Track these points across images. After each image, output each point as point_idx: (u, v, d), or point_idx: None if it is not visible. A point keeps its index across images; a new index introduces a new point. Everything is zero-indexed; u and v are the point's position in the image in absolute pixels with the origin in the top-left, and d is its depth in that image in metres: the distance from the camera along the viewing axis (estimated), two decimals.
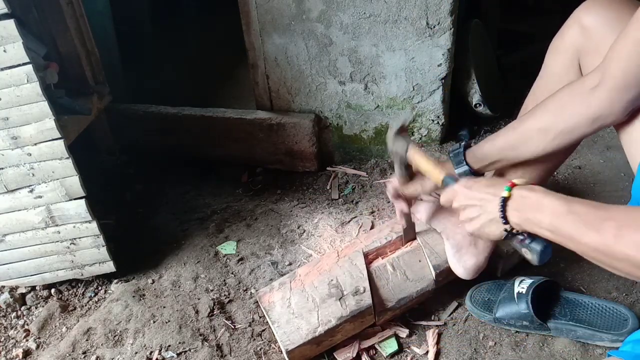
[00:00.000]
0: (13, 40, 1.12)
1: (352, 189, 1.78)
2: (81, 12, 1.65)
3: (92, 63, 1.73)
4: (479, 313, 1.24)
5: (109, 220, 1.63)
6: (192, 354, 1.22)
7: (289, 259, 1.49)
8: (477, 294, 1.27)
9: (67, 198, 1.30)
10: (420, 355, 1.19)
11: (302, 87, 1.79)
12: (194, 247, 1.55)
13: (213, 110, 1.91)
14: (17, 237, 1.34)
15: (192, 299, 1.37)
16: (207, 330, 1.28)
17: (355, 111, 1.81)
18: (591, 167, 1.73)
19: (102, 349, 1.25)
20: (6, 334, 1.34)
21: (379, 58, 1.67)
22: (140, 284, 1.43)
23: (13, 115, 1.19)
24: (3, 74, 1.15)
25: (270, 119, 1.82)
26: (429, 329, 1.24)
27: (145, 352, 1.23)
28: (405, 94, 1.73)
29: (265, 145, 1.87)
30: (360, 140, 1.88)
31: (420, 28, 1.59)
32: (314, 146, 1.83)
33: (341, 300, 1.17)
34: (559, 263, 1.38)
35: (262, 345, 1.24)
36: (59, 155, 1.24)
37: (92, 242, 1.37)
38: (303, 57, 1.73)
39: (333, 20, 1.63)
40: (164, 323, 1.29)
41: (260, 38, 1.72)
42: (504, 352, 1.18)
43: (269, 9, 1.65)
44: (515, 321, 1.19)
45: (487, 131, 1.93)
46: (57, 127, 1.21)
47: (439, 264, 1.23)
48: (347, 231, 1.57)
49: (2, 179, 1.25)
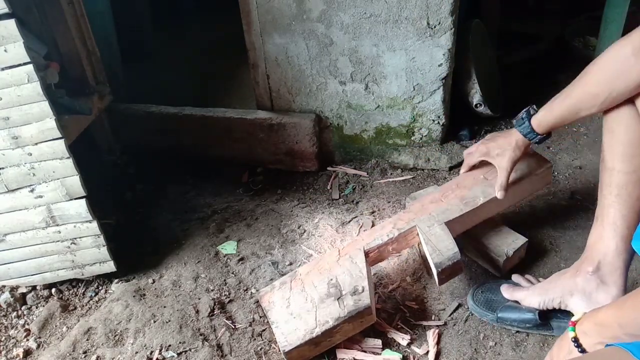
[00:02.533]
0: (14, 40, 1.12)
1: (352, 189, 1.78)
2: (82, 12, 1.65)
3: (92, 63, 1.73)
4: (480, 312, 1.24)
5: (109, 220, 1.63)
6: (192, 353, 1.22)
7: (289, 259, 1.49)
8: (479, 292, 1.27)
9: (68, 198, 1.30)
10: (421, 356, 1.19)
11: (303, 87, 1.80)
12: (194, 247, 1.55)
13: (213, 110, 1.91)
14: (18, 237, 1.34)
15: (193, 298, 1.37)
16: (207, 330, 1.28)
17: (356, 111, 1.81)
18: (592, 167, 1.73)
19: (103, 348, 1.25)
20: (7, 333, 1.34)
21: (380, 58, 1.67)
22: (141, 283, 1.43)
23: (14, 115, 1.19)
24: (4, 73, 1.15)
25: (271, 118, 1.82)
26: (430, 329, 1.24)
27: (145, 352, 1.23)
28: (405, 94, 1.73)
29: (265, 145, 1.87)
30: (361, 140, 1.88)
31: (420, 28, 1.59)
32: (314, 146, 1.83)
33: (339, 300, 1.17)
34: (559, 263, 1.38)
35: (263, 345, 1.24)
36: (59, 155, 1.24)
37: (92, 242, 1.37)
38: (304, 57, 1.73)
39: (334, 20, 1.63)
40: (165, 323, 1.29)
41: (261, 38, 1.72)
42: (504, 352, 1.18)
43: (270, 8, 1.65)
44: (518, 323, 1.19)
45: (488, 131, 1.93)
46: (58, 127, 1.21)
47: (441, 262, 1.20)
48: (348, 231, 1.57)
49: (3, 179, 1.25)
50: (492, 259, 1.34)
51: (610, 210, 1.05)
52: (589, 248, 1.11)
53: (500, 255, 1.32)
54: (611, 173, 1.04)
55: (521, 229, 1.40)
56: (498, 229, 1.39)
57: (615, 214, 1.05)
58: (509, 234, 1.37)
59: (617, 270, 1.07)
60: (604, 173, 1.06)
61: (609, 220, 1.06)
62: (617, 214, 1.05)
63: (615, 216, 1.05)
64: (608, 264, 1.07)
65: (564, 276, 1.15)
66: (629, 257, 1.08)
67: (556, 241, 1.45)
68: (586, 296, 1.10)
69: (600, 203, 1.08)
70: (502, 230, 1.38)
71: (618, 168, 1.03)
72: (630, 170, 1.02)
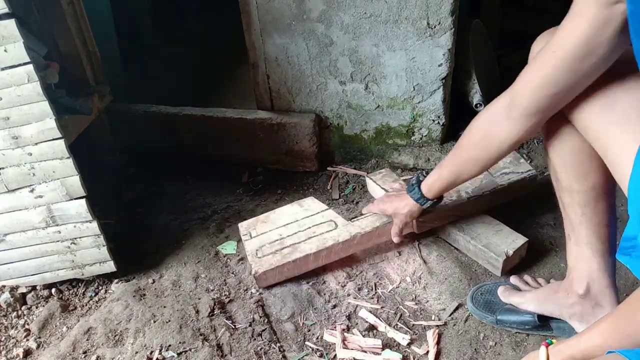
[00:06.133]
0: (14, 40, 1.12)
1: (352, 189, 1.78)
2: (82, 12, 1.65)
3: (92, 63, 1.73)
4: (480, 314, 1.24)
5: (109, 220, 1.63)
6: (192, 353, 1.22)
7: None
8: (479, 294, 1.27)
9: (68, 198, 1.30)
10: (421, 356, 1.19)
11: (303, 87, 1.79)
12: (194, 247, 1.55)
13: (213, 110, 1.91)
14: (18, 237, 1.34)
15: (193, 298, 1.37)
16: (207, 330, 1.28)
17: (356, 111, 1.81)
18: None
19: (103, 348, 1.25)
20: (7, 333, 1.34)
21: (380, 58, 1.67)
22: (141, 283, 1.43)
23: (14, 115, 1.19)
24: (4, 73, 1.15)
25: (271, 118, 1.82)
26: (430, 329, 1.24)
27: (145, 352, 1.23)
28: (405, 94, 1.73)
29: (265, 145, 1.87)
30: (361, 140, 1.88)
31: (420, 28, 1.59)
32: (314, 146, 1.83)
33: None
34: (559, 263, 1.38)
35: (263, 345, 1.24)
36: (59, 155, 1.24)
37: (92, 242, 1.37)
38: (304, 57, 1.73)
39: (334, 20, 1.63)
40: (165, 323, 1.29)
41: (261, 38, 1.72)
42: (504, 352, 1.18)
43: (270, 8, 1.65)
44: (518, 325, 1.19)
45: None
46: (58, 127, 1.21)
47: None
48: None
49: (3, 179, 1.25)
50: (492, 259, 1.34)
51: (581, 230, 1.04)
52: (573, 269, 1.10)
53: (500, 255, 1.32)
54: (571, 194, 1.02)
55: (521, 229, 1.40)
56: (498, 229, 1.39)
57: (587, 232, 1.04)
58: (509, 233, 1.37)
59: (606, 289, 1.07)
60: (563, 193, 1.05)
61: (583, 240, 1.05)
62: (589, 232, 1.04)
63: (587, 235, 1.04)
64: (596, 284, 1.07)
65: (559, 294, 1.14)
66: (613, 270, 1.08)
67: (556, 241, 1.45)
68: (585, 321, 1.10)
69: (567, 222, 1.07)
70: (502, 230, 1.38)
71: (577, 188, 1.01)
72: (588, 188, 1.00)
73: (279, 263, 1.35)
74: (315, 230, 1.42)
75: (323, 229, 1.42)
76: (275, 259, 1.36)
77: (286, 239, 1.42)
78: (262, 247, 1.41)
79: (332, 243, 1.38)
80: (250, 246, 1.42)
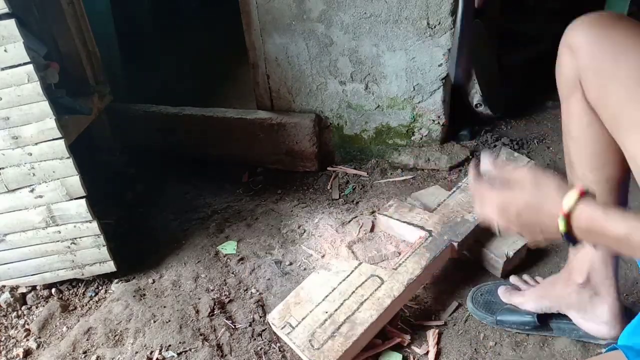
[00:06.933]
0: (14, 40, 1.12)
1: (352, 189, 1.78)
2: (82, 12, 1.65)
3: (92, 63, 1.73)
4: (480, 315, 1.24)
5: (109, 220, 1.63)
6: (192, 353, 1.22)
7: (289, 259, 1.49)
8: (479, 295, 1.27)
9: (68, 198, 1.30)
10: (421, 355, 1.19)
11: (303, 87, 1.79)
12: (194, 247, 1.55)
13: (213, 110, 1.91)
14: (18, 237, 1.34)
15: (193, 298, 1.37)
16: (207, 330, 1.28)
17: (356, 111, 1.81)
18: None
19: (103, 348, 1.25)
20: (7, 333, 1.34)
21: (380, 58, 1.67)
22: (141, 283, 1.43)
23: (14, 115, 1.19)
24: (4, 73, 1.15)
25: (271, 118, 1.82)
26: (430, 329, 1.24)
27: (145, 352, 1.23)
28: (405, 94, 1.73)
29: (265, 145, 1.87)
30: (361, 140, 1.88)
31: (420, 28, 1.59)
32: (314, 146, 1.83)
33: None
34: (559, 263, 1.38)
35: (263, 345, 1.24)
36: (59, 155, 1.24)
37: (92, 242, 1.37)
38: (304, 57, 1.73)
39: (334, 20, 1.63)
40: (165, 323, 1.29)
41: (261, 38, 1.72)
42: (504, 352, 1.18)
43: (270, 8, 1.65)
44: (518, 326, 1.19)
45: (487, 131, 1.93)
46: (58, 127, 1.21)
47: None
48: (348, 231, 1.56)
49: (3, 179, 1.25)
50: (492, 260, 1.34)
51: None
52: (574, 258, 1.09)
53: (501, 256, 1.32)
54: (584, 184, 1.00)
55: None
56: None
57: None
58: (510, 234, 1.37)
59: (607, 280, 1.06)
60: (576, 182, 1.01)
61: None
62: None
63: None
64: (597, 275, 1.07)
65: (557, 286, 1.14)
66: (616, 262, 1.06)
67: (556, 241, 1.45)
68: (582, 310, 1.10)
69: None
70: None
71: (590, 178, 0.98)
72: (603, 180, 0.97)
73: (346, 346, 1.11)
74: (363, 293, 1.21)
75: (370, 288, 1.22)
76: (338, 343, 1.12)
77: (336, 315, 1.18)
78: (314, 334, 1.15)
79: (390, 301, 1.19)
80: (298, 339, 1.15)
